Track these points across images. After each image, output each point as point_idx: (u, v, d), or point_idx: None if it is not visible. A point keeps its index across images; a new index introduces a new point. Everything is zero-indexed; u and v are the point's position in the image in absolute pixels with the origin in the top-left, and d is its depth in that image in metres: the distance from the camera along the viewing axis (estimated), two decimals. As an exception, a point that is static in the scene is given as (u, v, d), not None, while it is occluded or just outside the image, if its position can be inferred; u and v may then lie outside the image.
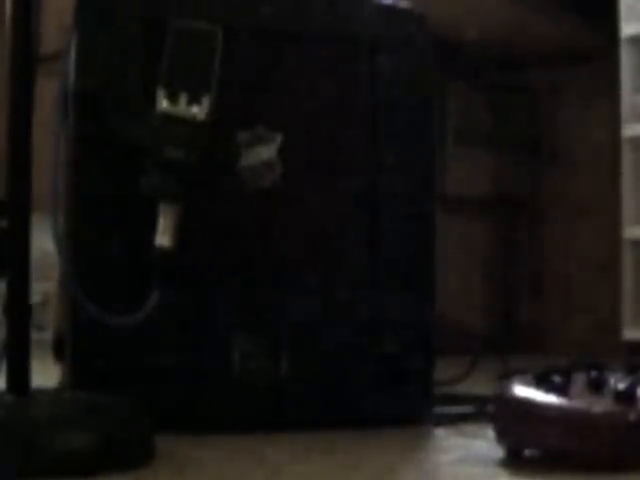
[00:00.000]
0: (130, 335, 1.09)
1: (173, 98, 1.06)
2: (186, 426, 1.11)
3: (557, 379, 0.99)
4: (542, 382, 0.99)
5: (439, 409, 1.28)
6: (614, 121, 2.47)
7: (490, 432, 1.03)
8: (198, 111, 1.06)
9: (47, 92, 1.11)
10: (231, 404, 1.16)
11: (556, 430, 0.93)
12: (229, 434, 1.12)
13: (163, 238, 1.05)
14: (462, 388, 1.39)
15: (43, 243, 1.09)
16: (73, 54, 1.12)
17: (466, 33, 2.45)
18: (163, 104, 1.06)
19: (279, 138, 1.18)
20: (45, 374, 1.11)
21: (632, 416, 0.91)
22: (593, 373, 1.01)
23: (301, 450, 1.06)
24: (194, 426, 1.12)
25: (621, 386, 0.94)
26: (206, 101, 1.07)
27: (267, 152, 1.18)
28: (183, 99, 1.06)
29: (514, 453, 1.00)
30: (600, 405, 0.93)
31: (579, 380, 0.99)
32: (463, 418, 1.26)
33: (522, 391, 0.99)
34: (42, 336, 1.19)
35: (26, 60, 0.97)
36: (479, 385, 1.38)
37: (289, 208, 1.20)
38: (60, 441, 0.90)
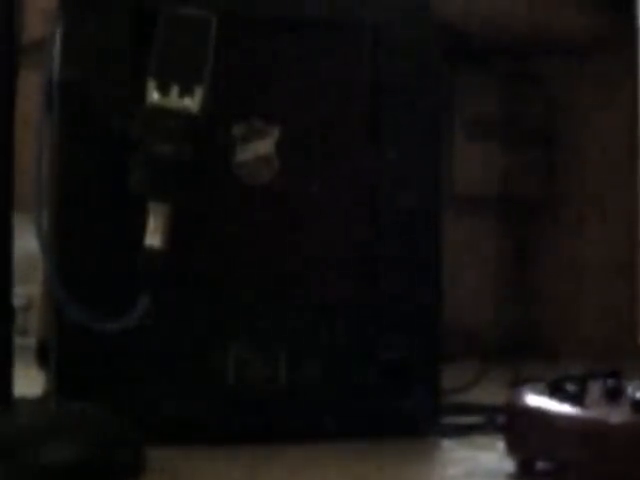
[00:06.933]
0: (118, 341, 1.09)
1: (164, 89, 1.06)
2: (178, 437, 1.10)
3: (572, 388, 0.98)
4: (556, 391, 0.99)
5: (446, 419, 1.27)
6: (632, 116, 2.47)
7: (500, 444, 1.03)
8: (191, 103, 1.06)
9: (30, 83, 1.11)
10: (226, 414, 1.15)
11: (570, 441, 0.93)
12: (224, 446, 1.11)
13: (153, 238, 1.05)
14: (471, 397, 1.39)
15: (26, 243, 1.08)
16: (58, 43, 1.12)
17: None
18: (153, 96, 1.06)
19: (277, 132, 1.18)
20: (29, 381, 1.11)
21: (651, 427, 0.90)
22: (610, 381, 1.00)
23: (300, 463, 1.06)
24: (187, 437, 1.11)
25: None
26: (199, 93, 1.06)
27: (264, 147, 1.18)
28: (175, 91, 1.06)
29: (526, 466, 0.99)
30: (617, 415, 0.92)
31: (595, 389, 0.99)
32: (472, 429, 1.25)
33: (534, 400, 0.98)
34: (26, 341, 1.19)
35: (7, 49, 0.96)
36: (489, 394, 1.38)
37: (288, 206, 1.19)
38: (45, 454, 0.90)
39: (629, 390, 0.97)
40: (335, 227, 1.21)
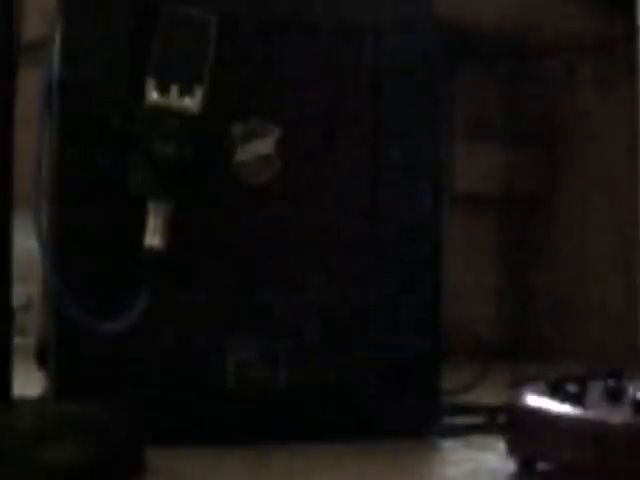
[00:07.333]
0: (118, 341, 1.09)
1: (164, 89, 1.05)
2: (178, 438, 1.10)
3: (572, 388, 0.98)
4: (556, 391, 0.98)
5: (447, 420, 1.27)
6: (632, 116, 2.47)
7: (501, 444, 1.02)
8: (190, 103, 1.06)
9: (30, 83, 1.11)
10: (226, 415, 1.15)
11: (571, 442, 0.92)
12: (224, 447, 1.11)
13: (153, 238, 1.05)
14: (471, 397, 1.39)
15: (26, 242, 1.08)
16: (58, 42, 1.12)
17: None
18: (153, 95, 1.06)
19: (277, 131, 1.18)
20: (29, 381, 1.11)
21: (652, 427, 0.90)
22: (610, 381, 1.00)
23: (300, 465, 1.05)
24: (186, 438, 1.11)
25: (640, 395, 0.93)
26: (199, 92, 1.06)
27: (264, 146, 1.17)
28: (175, 90, 1.06)
29: (526, 467, 0.99)
30: (618, 415, 0.92)
31: (595, 389, 0.99)
32: (472, 429, 1.25)
33: (535, 401, 0.98)
34: (25, 341, 1.19)
35: (7, 49, 0.96)
36: (489, 394, 1.37)
37: (288, 206, 1.19)
38: (44, 454, 0.89)
39: (629, 390, 0.97)
40: (335, 227, 1.21)
